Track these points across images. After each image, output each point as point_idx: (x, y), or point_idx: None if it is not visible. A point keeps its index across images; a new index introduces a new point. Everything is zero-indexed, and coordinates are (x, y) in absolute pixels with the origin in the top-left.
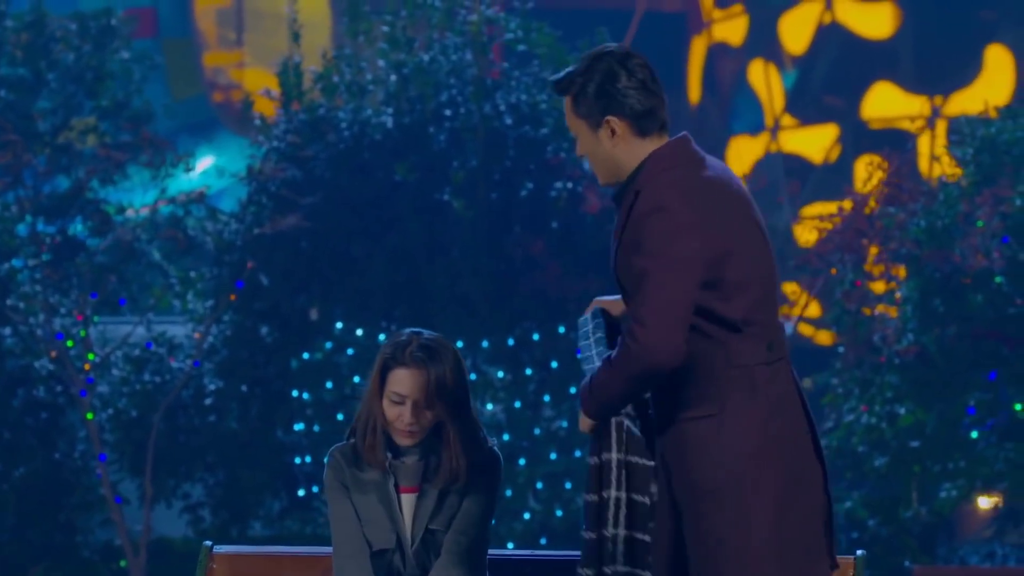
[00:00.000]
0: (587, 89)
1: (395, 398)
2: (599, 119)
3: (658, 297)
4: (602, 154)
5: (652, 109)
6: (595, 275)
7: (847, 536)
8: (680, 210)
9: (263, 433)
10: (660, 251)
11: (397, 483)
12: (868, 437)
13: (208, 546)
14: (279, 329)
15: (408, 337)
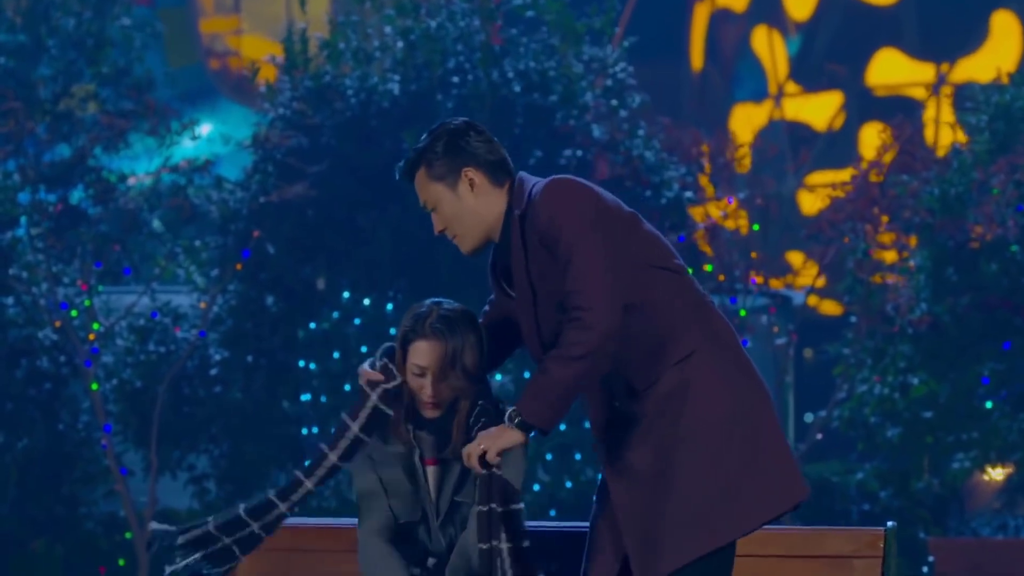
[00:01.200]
0: (436, 150)
1: (415, 370)
2: (456, 175)
3: (591, 278)
4: (466, 211)
5: (503, 159)
6: None
7: (859, 508)
8: (572, 198)
9: (269, 404)
10: (575, 238)
11: (423, 455)
12: (881, 408)
13: None
14: (285, 299)
15: (428, 308)
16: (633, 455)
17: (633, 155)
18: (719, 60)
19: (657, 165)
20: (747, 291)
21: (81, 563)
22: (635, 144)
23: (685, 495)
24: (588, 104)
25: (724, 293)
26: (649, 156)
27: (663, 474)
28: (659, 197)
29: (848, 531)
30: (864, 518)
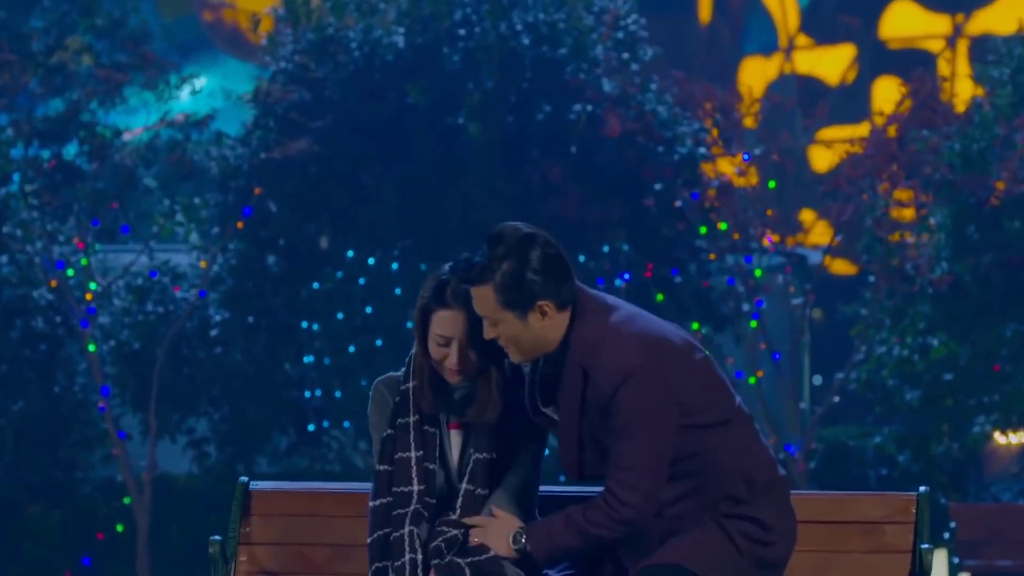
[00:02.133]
0: (520, 278)
1: (439, 340)
2: (530, 307)
3: (640, 465)
4: (530, 336)
5: (570, 281)
6: (616, 200)
7: (876, 472)
8: (649, 370)
9: (270, 366)
10: (638, 418)
11: (447, 419)
12: (899, 370)
13: (244, 482)
14: (287, 258)
15: (448, 275)
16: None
17: (645, 110)
18: (727, 13)
19: (670, 120)
20: (763, 250)
21: (78, 529)
22: (647, 99)
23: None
24: (599, 57)
25: (739, 252)
26: (662, 111)
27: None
28: (672, 153)
29: (879, 496)
30: (882, 483)
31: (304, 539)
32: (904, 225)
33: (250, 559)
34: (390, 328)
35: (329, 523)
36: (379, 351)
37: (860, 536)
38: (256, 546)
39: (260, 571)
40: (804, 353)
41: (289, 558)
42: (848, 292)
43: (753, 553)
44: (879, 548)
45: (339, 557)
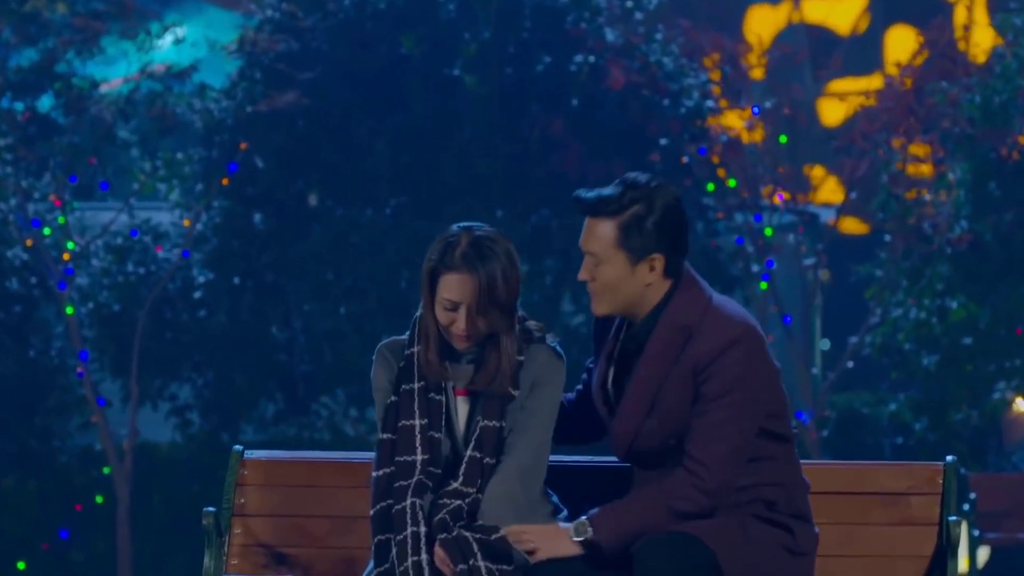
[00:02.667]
0: (646, 221)
1: (447, 304)
2: (645, 256)
3: (724, 442)
4: (630, 288)
5: (686, 251)
6: (618, 157)
7: (891, 441)
8: (758, 341)
9: (257, 330)
10: (739, 386)
11: (454, 385)
12: (916, 333)
13: (239, 451)
14: (274, 216)
15: (456, 235)
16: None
17: (650, 61)
18: None
19: (676, 72)
20: (773, 208)
21: (55, 500)
22: (652, 49)
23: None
24: (601, 6)
25: (748, 210)
26: (667, 62)
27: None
28: (677, 106)
29: (903, 466)
30: (897, 452)
31: (302, 511)
32: (921, 182)
33: (245, 531)
34: (383, 289)
35: (329, 494)
36: (371, 314)
37: (883, 508)
38: (251, 518)
39: (256, 544)
40: (816, 316)
41: (286, 530)
42: (860, 252)
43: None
44: (903, 520)
45: (339, 530)
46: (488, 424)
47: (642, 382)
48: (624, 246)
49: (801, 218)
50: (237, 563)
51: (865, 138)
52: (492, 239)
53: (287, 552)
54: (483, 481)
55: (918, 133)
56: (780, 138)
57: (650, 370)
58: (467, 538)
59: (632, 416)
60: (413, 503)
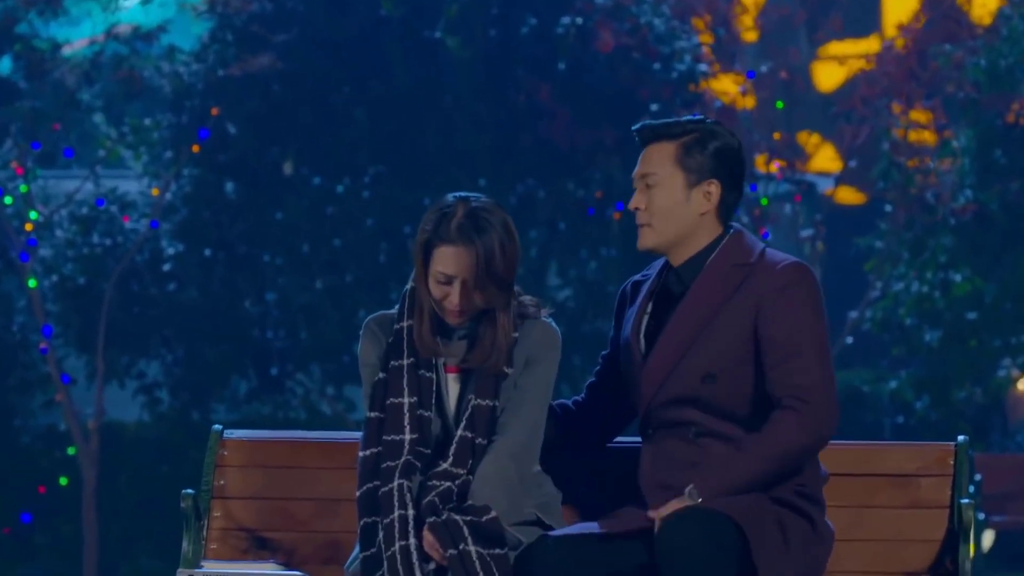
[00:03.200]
0: (708, 144)
1: (441, 278)
2: (704, 179)
3: (823, 370)
4: (683, 216)
5: (740, 196)
6: (609, 124)
7: (891, 421)
8: (816, 285)
9: (229, 304)
10: (812, 322)
11: (445, 362)
12: (918, 308)
13: (218, 430)
14: (247, 185)
15: (452, 206)
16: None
17: (640, 23)
18: None
19: (667, 35)
20: (769, 177)
21: (17, 481)
22: (642, 10)
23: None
24: None
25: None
26: (658, 24)
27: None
28: (669, 71)
29: (913, 446)
30: (897, 432)
31: (285, 493)
32: (924, 150)
33: (225, 514)
34: (361, 262)
35: (312, 475)
36: (349, 288)
37: (892, 489)
38: (231, 500)
39: (236, 528)
40: None
41: (268, 513)
42: (860, 223)
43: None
44: (913, 503)
45: (324, 512)
46: (480, 403)
47: (687, 316)
48: (683, 165)
49: (799, 187)
50: (217, 547)
51: (865, 103)
52: (489, 210)
53: (269, 536)
54: (474, 462)
55: (920, 98)
56: (777, 104)
57: (699, 303)
58: (457, 521)
59: (669, 352)
60: (401, 485)
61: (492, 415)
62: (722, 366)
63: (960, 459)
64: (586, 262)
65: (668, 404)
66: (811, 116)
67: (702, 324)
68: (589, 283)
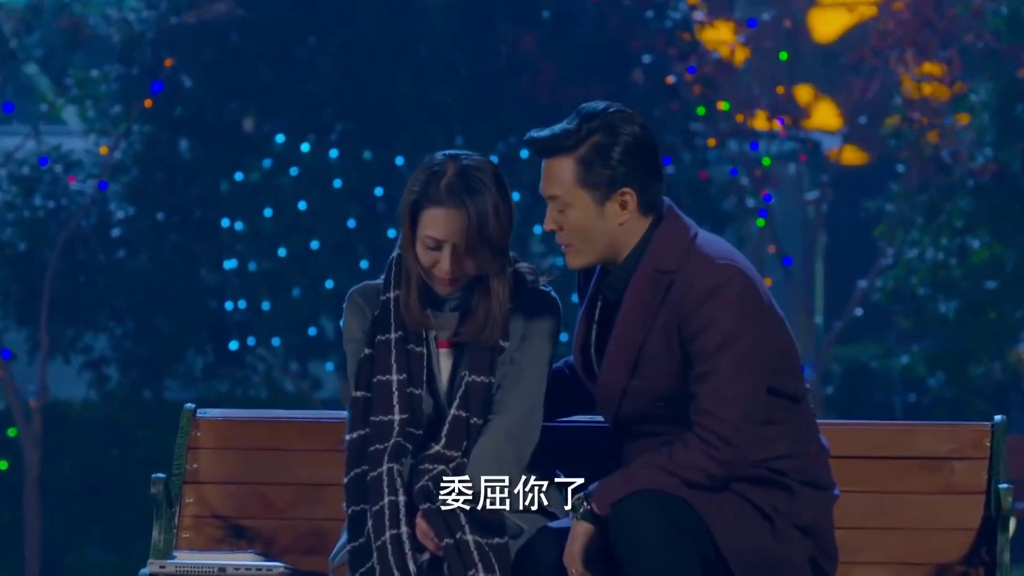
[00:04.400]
0: (610, 152)
1: (430, 243)
2: (612, 191)
3: (734, 401)
4: (601, 231)
5: (660, 180)
6: (597, 79)
7: (902, 399)
8: (752, 282)
9: (184, 272)
10: (740, 335)
11: (436, 336)
12: (933, 276)
13: (191, 409)
14: (204, 143)
15: (441, 164)
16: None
17: None
18: None
19: None
20: (771, 135)
21: None
22: None
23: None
24: None
25: (744, 137)
26: None
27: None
28: (663, 19)
29: (945, 426)
30: (909, 411)
31: (264, 477)
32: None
33: (198, 501)
34: (328, 227)
35: (293, 458)
36: (315, 255)
37: (923, 473)
38: (206, 485)
39: (210, 515)
40: (818, 258)
41: (245, 499)
42: (870, 185)
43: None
44: (946, 488)
45: (306, 499)
46: (475, 379)
47: (623, 337)
48: (586, 185)
49: (803, 146)
50: (189, 536)
51: (876, 54)
52: (482, 169)
53: (246, 524)
54: (469, 443)
55: (936, 49)
56: (780, 55)
57: (631, 323)
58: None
59: (615, 376)
60: (390, 469)
61: (487, 392)
62: (669, 386)
63: (997, 440)
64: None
65: (631, 420)
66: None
67: (637, 345)
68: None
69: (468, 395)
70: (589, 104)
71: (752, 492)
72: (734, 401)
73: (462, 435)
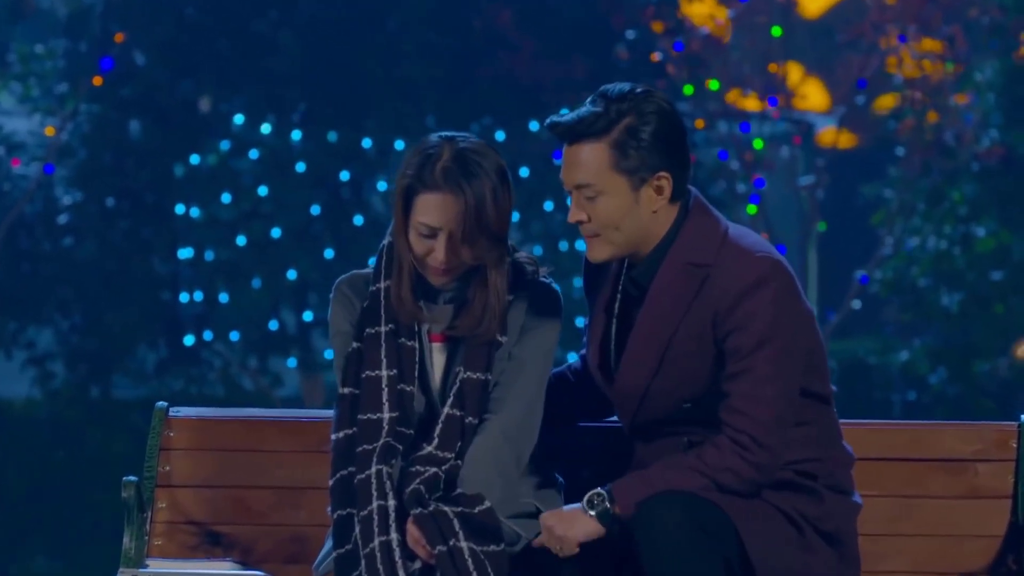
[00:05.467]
0: (642, 132)
1: (424, 230)
2: (649, 176)
3: (768, 403)
4: (635, 220)
5: (690, 165)
6: (579, 54)
7: (902, 397)
8: (790, 279)
9: (135, 262)
10: (777, 335)
11: (429, 329)
12: (935, 267)
13: (163, 407)
14: (157, 124)
15: (437, 147)
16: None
17: None
18: None
19: None
20: (764, 116)
21: None
22: None
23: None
24: None
25: (733, 118)
26: None
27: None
28: None
29: (969, 426)
30: (909, 410)
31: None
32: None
33: (171, 505)
34: (290, 215)
35: (273, 460)
36: (276, 244)
37: (945, 476)
38: (179, 489)
39: (184, 521)
40: (812, 247)
41: (222, 504)
42: (868, 169)
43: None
44: (969, 492)
45: (287, 503)
46: (471, 376)
47: (648, 333)
48: (622, 169)
49: (797, 128)
50: (162, 544)
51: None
52: (480, 152)
53: (223, 530)
54: (463, 444)
55: (939, 24)
56: (773, 30)
57: (657, 318)
58: (446, 513)
59: (637, 375)
60: (379, 471)
61: (484, 390)
62: (696, 389)
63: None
64: (551, 215)
65: (651, 423)
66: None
67: (663, 343)
68: (555, 238)
69: (463, 392)
70: (612, 85)
71: (779, 497)
72: (769, 402)
73: (456, 435)
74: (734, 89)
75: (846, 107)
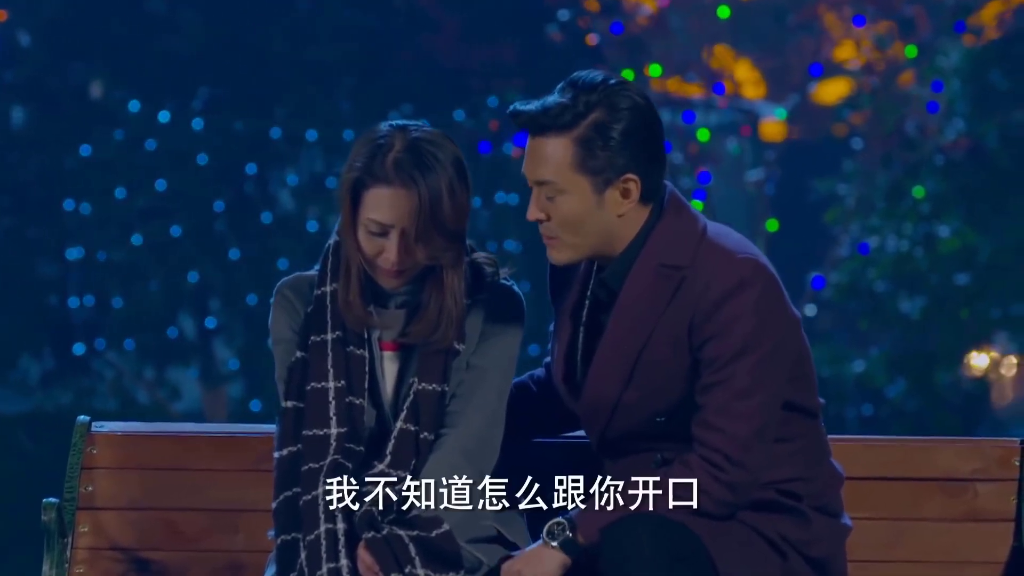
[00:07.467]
0: (611, 130)
1: (373, 228)
2: (615, 177)
3: (747, 419)
4: (598, 222)
5: (664, 163)
6: (508, 36)
7: (857, 411)
8: (772, 282)
9: (18, 263)
10: (759, 344)
11: (379, 336)
12: (895, 270)
13: (85, 422)
14: (44, 112)
15: (388, 136)
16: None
17: None
18: None
19: None
20: (709, 105)
21: None
22: None
23: None
24: None
25: (676, 107)
26: None
27: None
28: None
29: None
30: (866, 425)
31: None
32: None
33: (95, 529)
34: (192, 211)
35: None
36: (176, 243)
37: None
38: (103, 512)
39: (109, 546)
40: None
41: (149, 528)
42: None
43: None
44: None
45: (221, 527)
46: (425, 388)
47: (618, 341)
48: (585, 169)
49: (746, 118)
50: (84, 571)
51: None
52: (435, 142)
53: (151, 556)
54: (418, 462)
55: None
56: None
57: (628, 325)
58: (401, 537)
59: (606, 387)
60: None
61: (440, 402)
62: (671, 402)
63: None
64: (477, 212)
65: (621, 439)
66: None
67: (635, 351)
68: (481, 236)
69: (417, 405)
70: (583, 73)
71: (759, 519)
72: (746, 416)
73: (410, 452)
74: (677, 75)
75: (799, 95)
